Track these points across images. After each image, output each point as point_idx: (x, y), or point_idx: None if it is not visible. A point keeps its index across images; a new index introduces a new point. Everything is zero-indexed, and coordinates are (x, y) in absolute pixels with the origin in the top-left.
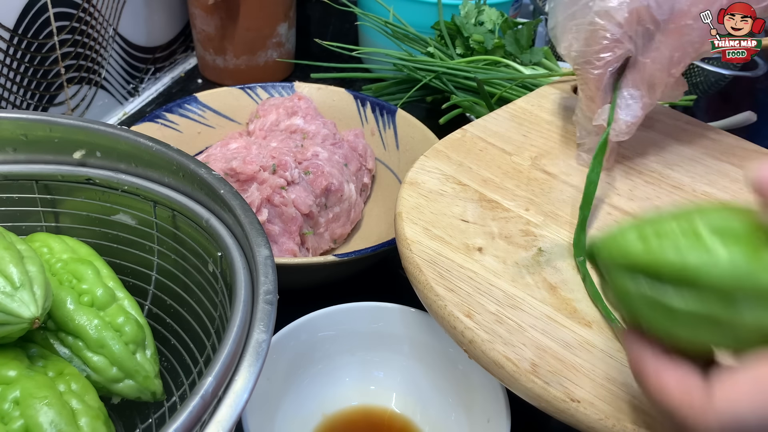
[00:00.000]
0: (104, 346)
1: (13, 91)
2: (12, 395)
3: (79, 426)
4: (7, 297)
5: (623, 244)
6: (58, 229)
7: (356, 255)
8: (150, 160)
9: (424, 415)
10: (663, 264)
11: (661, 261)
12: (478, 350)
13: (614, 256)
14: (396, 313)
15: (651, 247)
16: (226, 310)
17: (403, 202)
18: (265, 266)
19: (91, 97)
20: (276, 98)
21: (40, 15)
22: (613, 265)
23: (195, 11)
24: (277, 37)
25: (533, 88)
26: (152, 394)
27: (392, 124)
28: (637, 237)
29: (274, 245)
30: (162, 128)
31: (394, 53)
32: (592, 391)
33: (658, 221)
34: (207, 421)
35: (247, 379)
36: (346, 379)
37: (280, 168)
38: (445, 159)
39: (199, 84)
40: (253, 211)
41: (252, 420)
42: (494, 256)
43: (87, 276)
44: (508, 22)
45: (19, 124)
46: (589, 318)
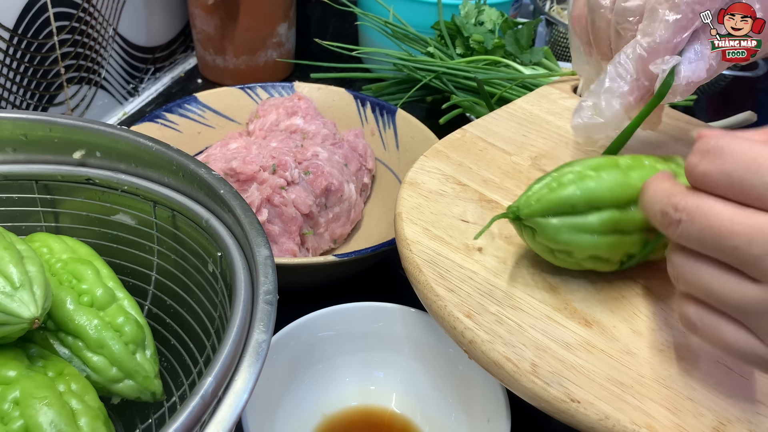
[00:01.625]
0: (104, 346)
1: (13, 91)
2: (12, 395)
3: (78, 426)
4: (7, 297)
5: (538, 196)
6: (57, 229)
7: (356, 255)
8: (150, 160)
9: (424, 415)
10: (571, 198)
11: (569, 196)
12: (478, 350)
13: (534, 208)
14: (396, 313)
15: (558, 191)
16: (226, 310)
17: (403, 202)
18: (265, 266)
19: (91, 97)
20: (276, 98)
21: (40, 15)
22: (535, 213)
23: (195, 11)
24: (277, 37)
25: (533, 88)
26: (152, 395)
27: (392, 124)
28: (546, 188)
29: (274, 245)
30: (162, 128)
31: (394, 53)
32: (592, 391)
33: (554, 176)
34: (207, 421)
35: (247, 379)
36: (346, 379)
37: (280, 168)
38: (445, 159)
39: (199, 84)
40: (253, 211)
41: (252, 420)
42: (494, 256)
43: (87, 276)
44: (508, 22)
45: (19, 124)
46: (589, 318)
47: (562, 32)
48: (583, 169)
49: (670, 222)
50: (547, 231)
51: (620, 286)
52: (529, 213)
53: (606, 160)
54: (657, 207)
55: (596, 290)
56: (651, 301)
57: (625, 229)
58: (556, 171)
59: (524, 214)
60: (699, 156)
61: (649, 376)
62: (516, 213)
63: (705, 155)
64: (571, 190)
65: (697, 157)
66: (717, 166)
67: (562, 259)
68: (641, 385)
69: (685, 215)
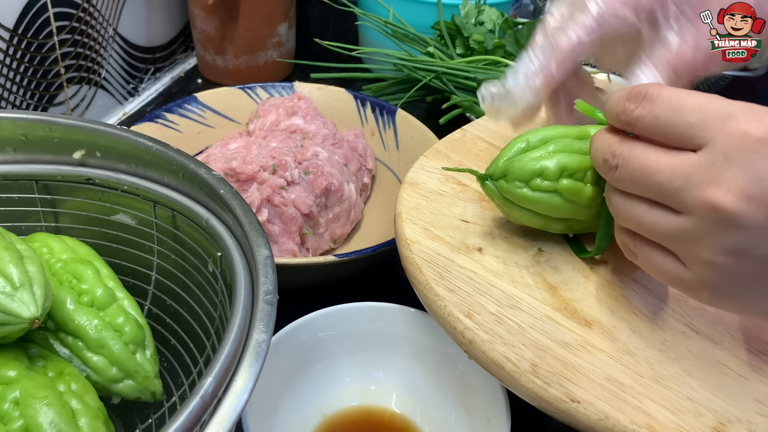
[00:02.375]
0: (104, 346)
1: (13, 91)
2: (12, 395)
3: (78, 426)
4: (7, 297)
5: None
6: (57, 229)
7: (356, 255)
8: (150, 160)
9: (424, 415)
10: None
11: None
12: (478, 350)
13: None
14: (396, 313)
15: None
16: (226, 310)
17: (403, 202)
18: (265, 266)
19: (91, 97)
20: (276, 98)
21: (40, 15)
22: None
23: (195, 11)
24: (277, 37)
25: None
26: (152, 395)
27: (392, 124)
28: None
29: (274, 245)
30: (162, 128)
31: (394, 53)
32: (592, 391)
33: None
34: (207, 421)
35: (247, 379)
36: (346, 379)
37: (280, 168)
38: (445, 159)
39: (199, 84)
40: (253, 211)
41: (252, 420)
42: (494, 256)
43: (87, 276)
44: (508, 22)
45: (19, 124)
46: (589, 318)
47: None
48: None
49: (609, 168)
50: (514, 181)
51: (620, 286)
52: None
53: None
54: (600, 156)
55: (596, 290)
56: (651, 301)
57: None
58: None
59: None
60: (634, 101)
61: (649, 376)
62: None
63: (639, 100)
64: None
65: (633, 102)
66: (648, 110)
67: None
68: (641, 385)
69: (620, 160)
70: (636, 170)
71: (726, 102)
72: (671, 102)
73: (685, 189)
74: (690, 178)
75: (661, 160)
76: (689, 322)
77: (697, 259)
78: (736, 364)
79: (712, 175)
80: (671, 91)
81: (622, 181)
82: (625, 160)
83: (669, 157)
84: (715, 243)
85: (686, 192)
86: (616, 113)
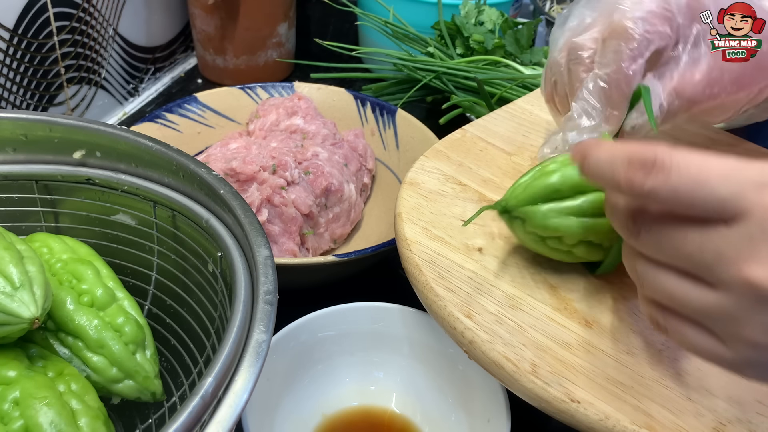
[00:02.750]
0: (104, 347)
1: (13, 91)
2: (12, 395)
3: (78, 426)
4: (7, 297)
5: (523, 187)
6: (57, 229)
7: (356, 255)
8: (150, 160)
9: (424, 415)
10: (555, 183)
11: (554, 182)
12: (478, 351)
13: (520, 197)
14: (396, 313)
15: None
16: (226, 310)
17: (403, 202)
18: (265, 266)
19: (91, 97)
20: (276, 98)
21: (40, 15)
22: (523, 202)
23: (195, 11)
24: (277, 37)
25: (533, 88)
26: (152, 395)
27: (392, 124)
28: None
29: (274, 245)
30: (162, 128)
31: (394, 53)
32: (592, 391)
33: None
34: (207, 421)
35: (247, 380)
36: (346, 380)
37: (280, 168)
38: (445, 159)
39: (199, 84)
40: (253, 211)
41: (252, 420)
42: (494, 256)
43: (87, 276)
44: (508, 22)
45: (19, 124)
46: (589, 318)
47: None
48: (565, 159)
49: (630, 233)
50: (536, 218)
51: (620, 286)
52: (516, 203)
53: None
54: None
55: (596, 290)
56: None
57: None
58: (538, 165)
59: (512, 204)
60: (641, 169)
61: (649, 376)
62: (504, 206)
63: (648, 169)
64: (554, 177)
65: (640, 172)
66: (663, 181)
67: (554, 248)
68: (641, 385)
69: (643, 227)
70: (663, 239)
71: (756, 167)
72: (691, 171)
73: (720, 264)
74: (724, 253)
75: (689, 230)
76: None
77: (738, 338)
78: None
79: (750, 251)
80: (687, 157)
81: (647, 247)
82: (649, 227)
83: (697, 229)
84: (758, 322)
85: (721, 267)
86: (616, 182)
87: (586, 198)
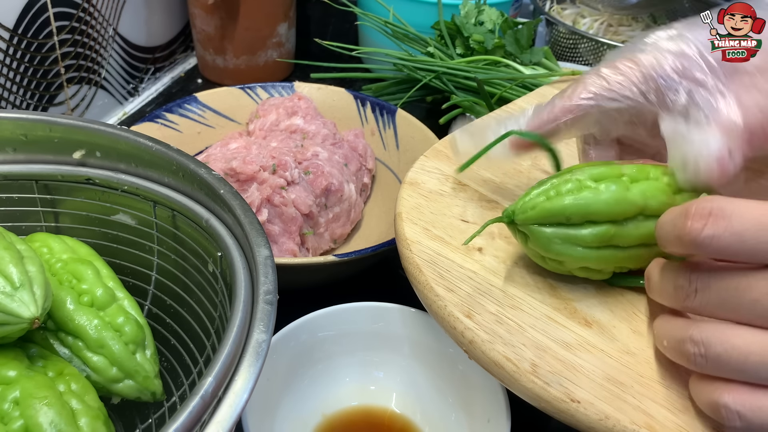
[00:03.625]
0: (104, 346)
1: (13, 91)
2: (12, 395)
3: (78, 426)
4: (7, 297)
5: (534, 204)
6: (58, 229)
7: (356, 255)
8: (150, 160)
9: (424, 415)
10: (567, 209)
11: (565, 208)
12: (478, 350)
13: (529, 214)
14: (396, 313)
15: (555, 201)
16: (226, 310)
17: (403, 202)
18: (265, 266)
19: (91, 97)
20: (276, 98)
21: (40, 15)
22: (530, 221)
23: (195, 11)
24: (277, 37)
25: (533, 88)
26: (152, 395)
27: (392, 124)
28: (543, 196)
29: (274, 245)
30: (162, 128)
31: (394, 53)
32: (592, 391)
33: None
34: (207, 421)
35: (247, 379)
36: (346, 379)
37: (280, 168)
38: (445, 159)
39: (199, 84)
40: (253, 211)
41: (252, 420)
42: (494, 256)
43: (87, 276)
44: (508, 22)
45: (19, 124)
46: (589, 318)
47: (562, 32)
48: (585, 178)
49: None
50: (540, 240)
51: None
52: (523, 219)
53: (610, 169)
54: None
55: (596, 290)
56: (651, 301)
57: (619, 244)
58: (557, 177)
59: (519, 219)
60: (700, 220)
61: (649, 376)
62: (511, 217)
63: (707, 218)
64: (567, 201)
65: (699, 221)
66: (725, 228)
67: (554, 266)
68: (641, 385)
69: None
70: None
71: None
72: (754, 215)
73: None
74: None
75: (752, 278)
76: None
77: None
78: None
79: None
80: (747, 203)
81: (706, 307)
82: (706, 284)
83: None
84: None
85: None
86: (675, 236)
87: (594, 230)
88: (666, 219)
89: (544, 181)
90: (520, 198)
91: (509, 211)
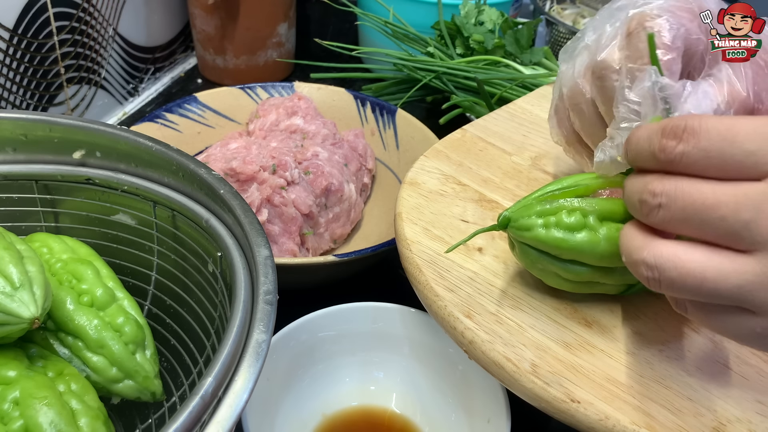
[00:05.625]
0: (104, 347)
1: (13, 91)
2: (12, 395)
3: (78, 426)
4: (7, 297)
5: (530, 225)
6: (57, 229)
7: (356, 255)
8: (150, 160)
9: (424, 415)
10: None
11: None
12: (478, 351)
13: (522, 233)
14: (396, 313)
15: (551, 233)
16: (226, 310)
17: (403, 202)
18: (265, 266)
19: (91, 97)
20: (276, 98)
21: (40, 15)
22: (521, 239)
23: (195, 11)
24: (277, 37)
25: (533, 88)
26: (152, 395)
27: (392, 124)
28: (543, 221)
29: (274, 245)
30: (162, 128)
31: (394, 53)
32: (592, 391)
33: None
34: (207, 421)
35: (247, 380)
36: (346, 380)
37: (280, 168)
38: (445, 159)
39: (199, 84)
40: (253, 211)
41: (252, 420)
42: (494, 256)
43: (87, 276)
44: (508, 22)
45: (19, 124)
46: (589, 318)
47: (562, 32)
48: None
49: (650, 209)
50: (525, 258)
51: None
52: (516, 235)
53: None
54: (635, 197)
55: None
56: (651, 301)
57: (599, 282)
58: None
59: (512, 231)
60: (673, 137)
61: (649, 376)
62: (505, 225)
63: (679, 136)
64: (562, 238)
65: (672, 138)
66: (693, 144)
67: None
68: (641, 385)
69: (664, 198)
70: (689, 206)
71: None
72: (720, 131)
73: (758, 221)
74: (762, 208)
75: (719, 190)
76: (689, 322)
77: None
78: (736, 364)
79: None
80: (715, 119)
81: (670, 222)
82: (672, 197)
83: (729, 188)
84: None
85: (759, 224)
86: (650, 152)
87: (579, 269)
88: (642, 135)
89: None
90: (519, 202)
91: (505, 218)
